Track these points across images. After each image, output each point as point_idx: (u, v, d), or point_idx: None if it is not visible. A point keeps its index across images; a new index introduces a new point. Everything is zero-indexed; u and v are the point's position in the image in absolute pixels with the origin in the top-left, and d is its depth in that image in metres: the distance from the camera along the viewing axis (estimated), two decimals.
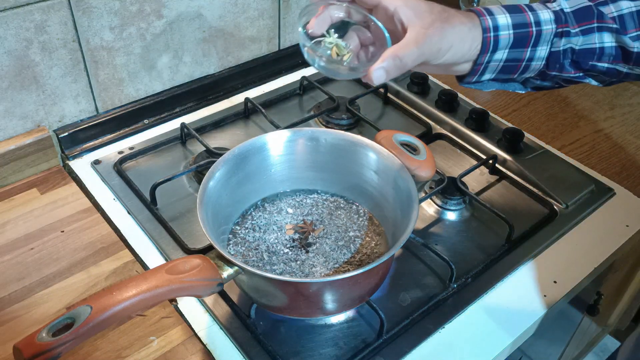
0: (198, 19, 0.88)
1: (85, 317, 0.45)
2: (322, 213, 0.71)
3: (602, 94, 1.05)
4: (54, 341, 0.44)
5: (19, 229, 0.72)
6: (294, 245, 0.66)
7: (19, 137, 0.78)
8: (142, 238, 0.72)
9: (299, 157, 0.71)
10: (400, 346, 0.62)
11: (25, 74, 0.75)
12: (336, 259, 0.65)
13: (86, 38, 0.78)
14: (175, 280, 0.50)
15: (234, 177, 0.66)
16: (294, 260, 0.65)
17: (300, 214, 0.71)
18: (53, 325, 0.45)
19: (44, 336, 0.44)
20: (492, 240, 0.75)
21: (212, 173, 0.63)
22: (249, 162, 0.68)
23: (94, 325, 0.45)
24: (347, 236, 0.68)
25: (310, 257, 0.65)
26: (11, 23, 0.71)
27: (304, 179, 0.73)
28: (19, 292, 0.65)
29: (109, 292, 0.47)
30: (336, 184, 0.73)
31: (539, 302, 0.68)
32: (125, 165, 0.82)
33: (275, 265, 0.64)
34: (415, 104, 0.96)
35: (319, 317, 0.63)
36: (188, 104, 0.94)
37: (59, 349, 0.44)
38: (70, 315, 0.46)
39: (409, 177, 0.63)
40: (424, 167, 0.65)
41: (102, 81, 0.83)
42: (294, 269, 0.64)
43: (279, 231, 0.68)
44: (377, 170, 0.67)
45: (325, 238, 0.68)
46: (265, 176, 0.70)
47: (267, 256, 0.65)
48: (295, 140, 0.70)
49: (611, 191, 0.83)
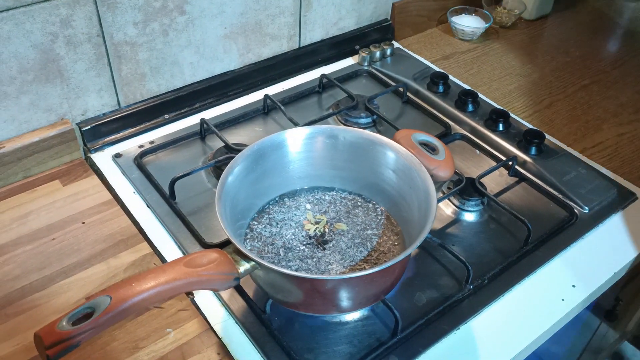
0: (220, 16, 0.89)
1: (104, 307, 0.46)
2: (340, 211, 0.71)
3: (627, 97, 1.03)
4: (73, 330, 0.44)
5: (41, 220, 0.73)
6: (311, 243, 0.67)
7: (43, 130, 0.79)
8: (161, 231, 0.73)
9: (317, 155, 0.71)
10: (415, 346, 0.62)
11: (50, 67, 0.77)
12: (352, 257, 0.65)
13: (110, 33, 0.79)
14: (193, 273, 0.50)
15: (252, 173, 0.67)
16: (310, 257, 0.65)
17: (318, 210, 0.71)
18: (73, 314, 0.46)
19: (64, 325, 0.45)
20: (510, 242, 0.74)
21: (231, 168, 0.64)
22: (267, 158, 0.68)
23: (113, 315, 0.46)
24: (364, 234, 0.68)
25: (327, 254, 0.66)
26: (37, 17, 0.72)
27: (321, 177, 0.73)
28: (39, 281, 0.66)
29: (128, 283, 0.47)
30: (354, 182, 0.73)
31: (556, 306, 0.67)
32: (145, 159, 0.83)
33: (291, 261, 0.65)
34: (435, 104, 0.96)
35: (334, 314, 0.63)
36: (208, 100, 0.95)
37: (78, 337, 0.44)
38: (90, 304, 0.46)
39: (427, 177, 0.63)
40: (442, 167, 0.65)
41: (125, 76, 0.84)
42: (309, 266, 0.64)
43: (296, 227, 0.68)
44: (396, 170, 0.67)
45: (342, 236, 0.68)
46: (283, 173, 0.71)
47: (283, 252, 0.66)
48: (314, 137, 0.70)
49: (633, 195, 0.82)
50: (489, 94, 1.01)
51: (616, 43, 1.19)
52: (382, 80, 1.02)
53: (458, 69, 1.08)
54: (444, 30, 1.20)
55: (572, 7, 1.31)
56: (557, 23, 1.25)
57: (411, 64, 1.05)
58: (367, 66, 1.05)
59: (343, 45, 1.07)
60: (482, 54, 1.13)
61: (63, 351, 0.44)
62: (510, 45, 1.17)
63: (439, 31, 1.20)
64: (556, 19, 1.26)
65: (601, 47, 1.17)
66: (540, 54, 1.14)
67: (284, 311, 0.64)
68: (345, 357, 0.60)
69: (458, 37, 1.17)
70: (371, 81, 1.03)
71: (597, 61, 1.13)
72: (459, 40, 1.17)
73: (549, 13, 1.27)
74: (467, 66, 1.09)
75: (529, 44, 1.18)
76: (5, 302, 0.64)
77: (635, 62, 1.13)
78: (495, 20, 1.21)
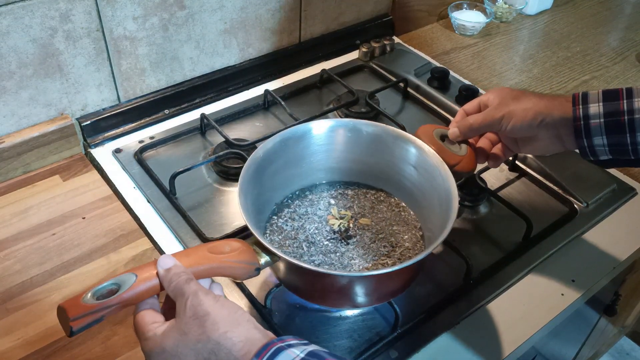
0: (220, 10, 0.89)
1: (130, 284, 0.46)
2: (365, 206, 0.70)
3: None
4: (98, 304, 0.44)
5: (41, 215, 0.73)
6: (334, 237, 0.66)
7: (43, 125, 0.79)
8: (161, 226, 0.73)
9: (338, 148, 0.70)
10: (415, 340, 0.62)
11: (49, 62, 0.76)
12: (376, 252, 0.65)
13: (110, 27, 0.79)
14: (216, 259, 0.51)
15: (274, 164, 0.66)
16: (333, 251, 0.65)
17: (343, 206, 0.70)
18: (98, 289, 0.46)
19: (89, 298, 0.45)
20: (510, 237, 0.74)
21: (254, 159, 0.63)
22: (289, 150, 0.67)
23: (139, 292, 0.46)
24: (388, 230, 0.67)
25: (350, 249, 0.65)
26: (37, 12, 0.72)
27: (342, 170, 0.72)
28: (40, 276, 0.66)
29: (153, 264, 0.48)
30: (374, 177, 0.72)
31: (556, 300, 0.67)
32: (145, 154, 0.83)
33: (313, 256, 0.64)
34: (435, 99, 0.96)
35: (349, 308, 0.63)
36: (208, 95, 0.94)
37: (102, 312, 0.44)
38: (115, 281, 0.46)
39: (448, 174, 0.62)
40: (464, 163, 0.65)
41: (125, 71, 0.84)
42: (332, 260, 0.64)
43: (319, 222, 0.68)
44: (417, 166, 0.67)
45: (365, 230, 0.67)
46: (304, 165, 0.70)
47: (305, 246, 0.65)
48: (336, 130, 0.69)
49: (633, 191, 0.82)
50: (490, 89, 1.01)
51: (617, 38, 1.19)
52: (383, 76, 1.02)
53: (459, 64, 1.08)
54: (445, 25, 1.20)
55: (572, 2, 1.31)
56: (558, 18, 1.24)
57: (412, 59, 1.05)
58: (367, 61, 1.05)
59: (343, 40, 1.07)
60: (482, 49, 1.13)
61: (87, 324, 0.44)
62: (511, 41, 1.16)
63: (440, 26, 1.20)
64: (557, 14, 1.26)
65: (602, 42, 1.17)
66: (540, 49, 1.14)
67: (285, 306, 0.64)
68: (345, 351, 0.61)
69: (459, 32, 1.17)
70: (372, 76, 1.03)
71: (597, 56, 1.12)
72: (459, 35, 1.17)
73: (550, 8, 1.27)
74: (467, 61, 1.09)
75: (529, 39, 1.18)
76: (6, 297, 0.64)
77: (635, 57, 1.12)
78: (496, 15, 1.21)
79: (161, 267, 0.47)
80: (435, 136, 0.66)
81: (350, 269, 0.63)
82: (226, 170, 0.80)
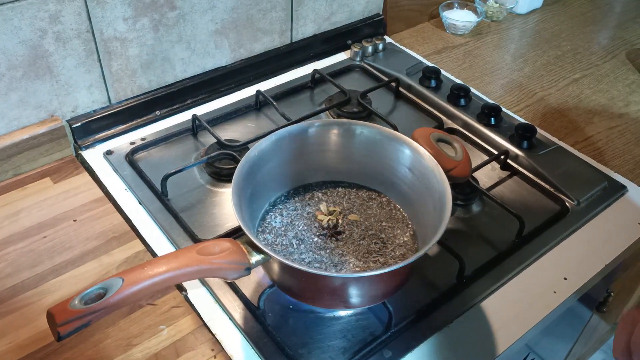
0: (211, 11, 0.88)
1: (117, 288, 0.46)
2: (354, 203, 0.71)
3: (617, 91, 1.04)
4: (85, 309, 0.45)
5: (32, 218, 0.73)
6: (324, 234, 0.66)
7: (33, 127, 0.79)
8: (153, 228, 0.73)
9: (332, 148, 0.71)
10: (408, 340, 0.62)
11: (39, 63, 0.76)
12: (367, 248, 0.65)
13: (100, 29, 0.79)
14: (205, 261, 0.51)
15: (268, 164, 0.66)
16: (323, 248, 0.65)
17: (332, 202, 0.71)
18: (85, 294, 0.46)
19: (77, 303, 0.45)
20: (502, 235, 0.74)
21: (248, 159, 0.63)
22: (284, 149, 0.68)
23: (125, 296, 0.46)
24: (378, 226, 0.68)
25: (340, 245, 0.65)
26: (26, 13, 0.71)
27: (336, 170, 0.73)
28: (31, 279, 0.66)
29: (141, 267, 0.48)
30: (368, 178, 0.72)
31: (548, 298, 0.68)
32: (137, 156, 0.83)
33: (303, 253, 0.64)
34: (427, 99, 0.96)
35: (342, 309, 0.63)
36: (200, 96, 0.94)
37: (89, 316, 0.45)
38: (102, 285, 0.47)
39: (443, 178, 0.62)
40: (459, 168, 0.65)
41: (115, 72, 0.84)
42: (323, 257, 0.64)
43: (308, 218, 0.68)
44: (412, 168, 0.67)
45: (355, 227, 0.68)
46: (298, 165, 0.70)
47: (295, 243, 0.65)
48: (331, 130, 0.69)
49: (624, 188, 0.82)
50: (481, 89, 1.02)
51: (607, 37, 1.20)
52: (375, 75, 1.02)
53: (450, 64, 1.08)
54: (436, 24, 1.20)
55: (562, 0, 1.31)
56: (548, 17, 1.25)
57: (403, 59, 1.05)
58: (359, 61, 1.05)
59: (335, 40, 1.07)
60: (473, 48, 1.14)
61: (74, 329, 0.44)
62: (502, 40, 1.17)
63: (431, 26, 1.20)
64: (547, 13, 1.26)
65: (592, 40, 1.18)
66: (531, 48, 1.15)
67: (278, 307, 0.64)
68: (339, 351, 0.61)
69: (450, 31, 1.17)
70: (363, 76, 1.03)
71: (588, 55, 1.13)
72: (450, 34, 1.17)
73: (540, 7, 1.28)
74: (459, 60, 1.10)
75: (520, 38, 1.18)
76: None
77: (625, 55, 1.13)
78: (487, 15, 1.21)
79: None
80: (432, 140, 0.66)
81: (342, 267, 0.63)
82: (218, 172, 0.80)
